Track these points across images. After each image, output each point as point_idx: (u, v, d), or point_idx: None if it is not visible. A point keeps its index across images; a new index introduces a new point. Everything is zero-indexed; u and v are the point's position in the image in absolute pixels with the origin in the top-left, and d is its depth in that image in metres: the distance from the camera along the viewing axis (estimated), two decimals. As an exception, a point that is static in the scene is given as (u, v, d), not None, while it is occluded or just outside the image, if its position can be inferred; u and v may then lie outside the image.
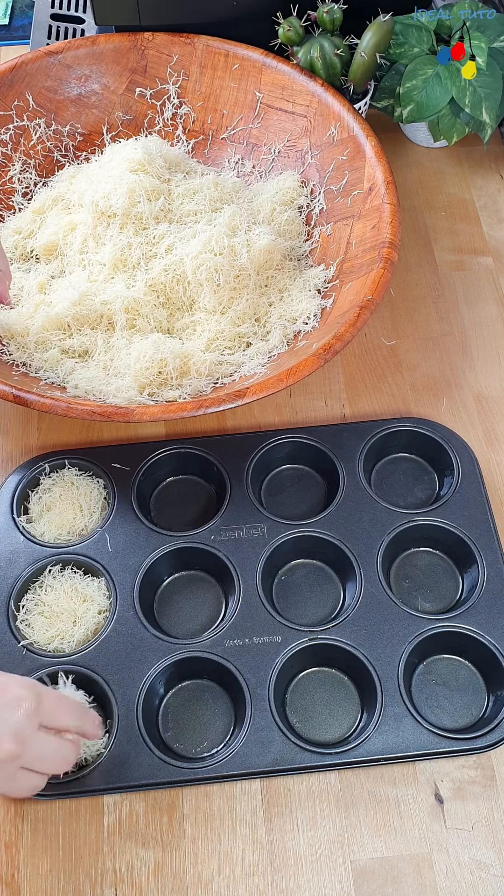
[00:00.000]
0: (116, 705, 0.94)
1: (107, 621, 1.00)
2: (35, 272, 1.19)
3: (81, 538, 1.05)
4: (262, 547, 1.04)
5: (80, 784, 0.91)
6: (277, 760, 0.92)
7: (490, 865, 0.89)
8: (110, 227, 1.14)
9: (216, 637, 0.99)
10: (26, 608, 1.00)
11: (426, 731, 0.94)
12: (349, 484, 1.08)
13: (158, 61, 1.28)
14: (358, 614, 1.00)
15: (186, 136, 1.30)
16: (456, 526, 1.05)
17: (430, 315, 1.26)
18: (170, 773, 0.91)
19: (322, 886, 0.89)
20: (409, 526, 1.06)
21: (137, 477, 1.08)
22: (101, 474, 1.09)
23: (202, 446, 1.11)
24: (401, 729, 0.94)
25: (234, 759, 0.92)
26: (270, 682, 0.96)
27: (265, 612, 1.00)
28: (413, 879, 0.89)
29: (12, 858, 0.90)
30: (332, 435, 1.12)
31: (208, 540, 1.04)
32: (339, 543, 1.04)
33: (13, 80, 1.25)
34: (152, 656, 0.97)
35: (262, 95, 1.26)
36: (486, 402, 1.19)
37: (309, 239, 1.21)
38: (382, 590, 1.01)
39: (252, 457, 1.10)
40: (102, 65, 1.29)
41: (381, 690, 0.95)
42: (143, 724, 0.93)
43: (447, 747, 0.93)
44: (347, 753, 0.93)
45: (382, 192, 1.12)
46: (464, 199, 1.38)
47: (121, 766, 0.91)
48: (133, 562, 1.03)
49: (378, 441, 1.12)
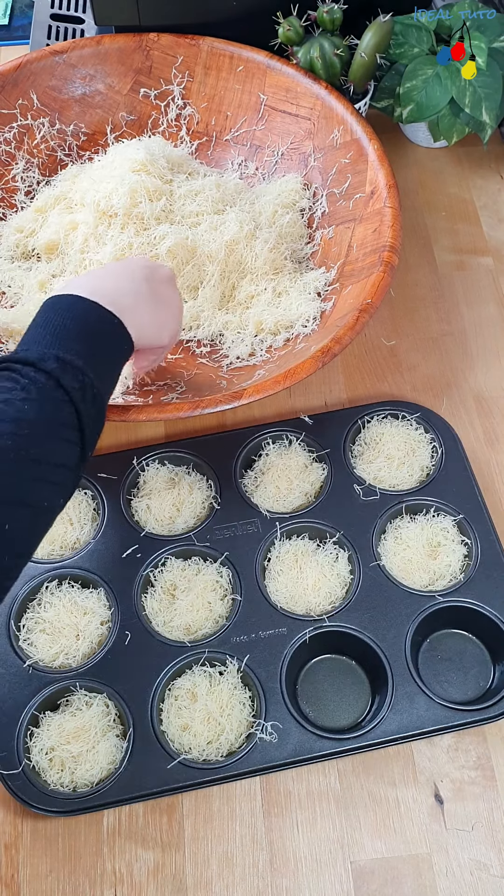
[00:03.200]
0: (130, 715, 0.94)
1: (110, 632, 0.99)
2: (36, 270, 1.19)
3: (75, 551, 1.05)
4: (258, 542, 1.04)
5: (102, 798, 0.90)
6: (297, 751, 0.92)
7: (490, 866, 0.90)
8: (111, 227, 1.14)
9: (223, 635, 0.99)
10: (27, 627, 1.00)
11: (439, 706, 0.94)
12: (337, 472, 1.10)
13: (163, 62, 1.28)
14: (359, 598, 1.01)
15: (190, 137, 1.30)
16: (446, 502, 1.07)
17: (430, 315, 1.26)
18: (193, 775, 0.91)
19: (322, 887, 0.89)
20: (400, 505, 1.07)
21: (125, 484, 1.08)
22: (88, 485, 1.08)
23: (188, 448, 1.11)
24: (414, 707, 0.94)
25: (252, 755, 0.92)
26: (281, 675, 0.96)
27: (268, 605, 1.00)
28: (413, 880, 0.89)
29: (12, 859, 0.90)
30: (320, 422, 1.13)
31: (204, 540, 1.04)
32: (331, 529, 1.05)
33: (18, 79, 1.25)
34: (161, 661, 0.97)
35: (267, 98, 1.26)
36: (486, 402, 1.19)
37: (310, 242, 1.21)
38: (380, 571, 1.02)
39: (238, 452, 1.11)
40: (107, 65, 1.28)
41: (390, 671, 0.96)
42: (157, 730, 0.93)
43: (461, 720, 0.94)
44: (365, 737, 0.93)
45: (384, 195, 1.12)
46: (464, 200, 1.38)
47: (141, 774, 0.91)
48: (130, 570, 1.03)
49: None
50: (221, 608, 1.01)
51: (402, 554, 1.05)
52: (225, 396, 1.00)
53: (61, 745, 0.92)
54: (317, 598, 1.02)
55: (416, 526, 1.06)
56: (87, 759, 0.92)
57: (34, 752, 0.92)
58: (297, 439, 1.12)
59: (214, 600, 1.01)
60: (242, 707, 0.95)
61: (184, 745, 0.93)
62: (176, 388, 1.10)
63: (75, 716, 0.94)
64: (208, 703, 0.94)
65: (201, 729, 0.93)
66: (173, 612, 1.01)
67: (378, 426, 1.14)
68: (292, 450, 1.12)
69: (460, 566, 1.04)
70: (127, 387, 1.09)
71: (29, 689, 0.95)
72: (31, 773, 0.91)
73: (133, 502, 1.08)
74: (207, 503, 1.08)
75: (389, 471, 1.10)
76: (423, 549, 1.05)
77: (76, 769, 0.91)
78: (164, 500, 1.08)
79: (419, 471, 1.11)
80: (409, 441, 1.12)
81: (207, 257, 1.14)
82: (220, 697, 0.95)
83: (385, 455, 1.11)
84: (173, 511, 1.08)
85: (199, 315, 1.15)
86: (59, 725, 0.93)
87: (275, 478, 1.10)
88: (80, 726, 0.93)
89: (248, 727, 0.94)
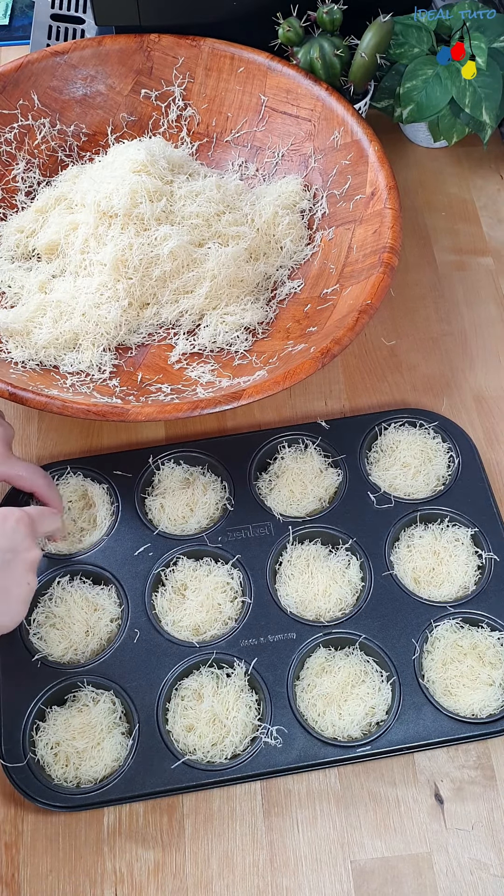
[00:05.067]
0: (136, 713, 0.94)
1: (120, 629, 1.00)
2: (36, 271, 1.20)
3: (88, 547, 1.05)
4: (270, 545, 1.04)
5: (105, 795, 0.90)
6: (302, 757, 0.92)
7: (490, 865, 0.90)
8: (112, 228, 1.15)
9: (231, 638, 0.99)
10: (37, 621, 1.00)
11: (446, 717, 0.94)
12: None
13: (164, 63, 1.29)
14: (370, 605, 1.01)
15: (191, 138, 1.30)
16: (461, 513, 1.07)
17: (430, 315, 1.27)
18: (196, 776, 0.91)
19: (322, 887, 0.89)
20: (414, 513, 1.07)
21: (140, 482, 1.09)
22: (104, 482, 1.09)
23: (202, 449, 1.11)
24: (421, 717, 0.94)
25: (258, 759, 0.92)
26: (288, 679, 0.96)
27: (277, 610, 1.01)
28: (413, 879, 0.89)
29: (12, 859, 0.91)
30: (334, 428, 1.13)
31: (216, 541, 1.05)
32: (344, 535, 1.05)
33: (19, 80, 1.25)
34: (168, 661, 0.97)
35: (267, 99, 1.26)
36: (486, 402, 1.19)
37: (311, 243, 1.21)
38: (392, 579, 1.02)
39: (254, 455, 1.11)
40: (108, 66, 1.29)
41: (399, 680, 0.96)
42: (162, 730, 0.94)
43: (468, 732, 0.94)
44: (370, 745, 0.93)
45: (384, 196, 1.12)
46: (464, 200, 1.38)
47: (144, 773, 0.91)
48: (142, 567, 1.03)
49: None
50: (231, 610, 1.01)
51: (414, 563, 1.05)
52: (224, 397, 1.00)
53: (67, 741, 0.92)
54: (327, 604, 1.02)
55: (430, 535, 1.06)
56: (92, 756, 0.92)
57: (40, 746, 0.93)
58: (313, 444, 1.12)
59: (224, 602, 1.02)
60: (248, 710, 0.95)
61: (188, 745, 0.93)
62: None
63: (82, 712, 0.94)
64: (214, 704, 0.94)
65: (206, 730, 0.94)
66: (183, 612, 1.01)
67: (395, 433, 1.13)
68: (308, 454, 1.12)
69: (473, 578, 1.03)
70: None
71: (36, 683, 0.96)
72: (36, 766, 0.92)
73: (147, 501, 1.09)
74: (221, 504, 1.09)
75: (405, 479, 1.10)
76: (436, 559, 1.05)
77: (81, 765, 0.92)
78: (177, 499, 1.08)
79: (435, 480, 1.11)
80: (425, 450, 1.12)
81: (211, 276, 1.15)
82: (226, 699, 0.95)
83: (401, 463, 1.11)
84: (187, 511, 1.08)
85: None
86: (66, 720, 0.94)
87: (289, 481, 1.10)
88: (86, 722, 0.93)
89: (253, 730, 0.94)
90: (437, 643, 0.99)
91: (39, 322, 1.13)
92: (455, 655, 0.98)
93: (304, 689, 0.97)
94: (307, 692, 0.96)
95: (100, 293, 1.14)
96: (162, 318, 1.16)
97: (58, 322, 1.13)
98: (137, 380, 1.12)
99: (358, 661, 0.98)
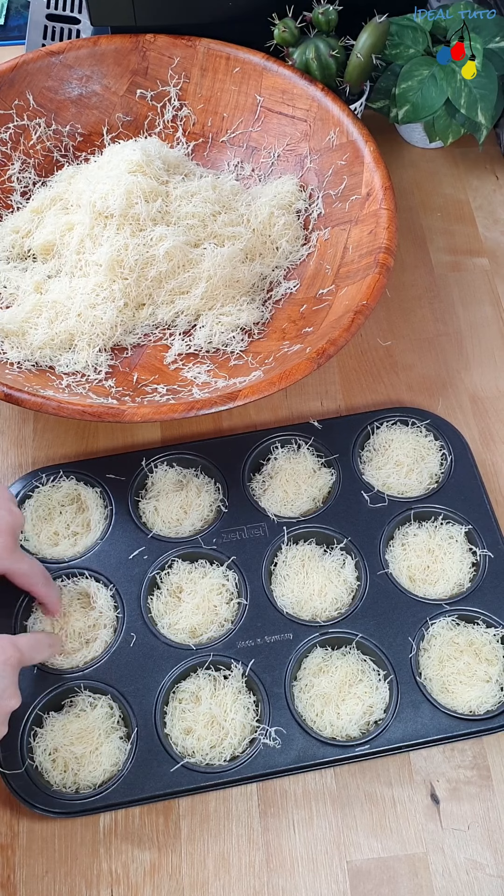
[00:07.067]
0: (134, 717, 0.94)
1: (116, 633, 1.00)
2: (32, 271, 1.19)
3: (83, 551, 1.05)
4: (265, 546, 1.04)
5: (104, 800, 0.90)
6: (301, 757, 0.92)
7: (486, 865, 0.90)
8: (107, 228, 1.14)
9: (228, 639, 0.99)
10: (33, 627, 1.00)
11: (444, 715, 0.94)
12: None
13: (160, 63, 1.29)
14: (366, 604, 1.01)
15: (186, 138, 1.30)
16: (455, 510, 1.07)
17: (425, 316, 1.27)
18: (195, 779, 0.91)
19: (318, 887, 0.89)
20: (408, 512, 1.07)
21: (133, 485, 1.09)
22: (97, 485, 1.09)
23: (196, 451, 1.11)
24: (419, 715, 0.94)
25: (257, 760, 0.92)
26: (286, 680, 0.96)
27: (274, 611, 1.00)
28: (409, 880, 0.89)
29: (8, 860, 0.90)
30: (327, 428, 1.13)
31: (210, 543, 1.05)
32: (339, 535, 1.05)
33: (14, 80, 1.25)
34: (165, 664, 0.97)
35: (263, 99, 1.26)
36: (482, 402, 1.19)
37: (307, 243, 1.21)
38: (387, 578, 1.02)
39: (247, 456, 1.11)
40: (104, 66, 1.29)
41: (396, 678, 0.96)
42: (160, 733, 0.93)
43: (466, 730, 0.94)
44: (368, 744, 0.93)
45: (380, 197, 1.12)
46: (459, 200, 1.38)
47: (143, 777, 0.91)
48: (137, 571, 1.03)
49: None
50: (227, 612, 1.01)
51: (409, 561, 1.04)
52: (220, 397, 1.00)
53: (65, 746, 0.92)
54: (323, 603, 1.02)
55: (425, 533, 1.06)
56: (91, 761, 0.92)
57: (37, 753, 0.92)
58: (305, 444, 1.12)
59: (220, 604, 1.01)
60: (246, 711, 0.95)
61: (187, 748, 0.93)
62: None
63: (79, 717, 0.94)
64: (212, 706, 0.94)
65: (205, 733, 0.93)
66: (179, 615, 1.01)
67: (387, 432, 1.14)
68: (301, 454, 1.12)
69: (468, 575, 1.04)
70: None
71: (33, 689, 0.95)
72: (34, 773, 0.91)
73: (141, 503, 1.08)
74: (215, 506, 1.08)
75: (398, 477, 1.10)
76: (430, 556, 1.05)
77: (79, 770, 0.91)
78: (171, 502, 1.08)
79: (428, 478, 1.11)
80: (418, 448, 1.12)
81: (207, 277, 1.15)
82: (224, 701, 0.95)
83: (394, 461, 1.11)
84: (181, 513, 1.08)
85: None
86: (63, 726, 0.93)
87: (283, 482, 1.10)
88: (83, 727, 0.93)
89: (251, 732, 0.94)
90: (433, 641, 0.99)
91: (35, 322, 1.13)
92: (451, 653, 0.98)
93: (302, 690, 0.97)
94: (305, 692, 0.96)
95: (95, 294, 1.14)
96: (158, 318, 1.16)
97: (53, 323, 1.13)
98: (133, 380, 1.12)
99: (355, 661, 0.98)
